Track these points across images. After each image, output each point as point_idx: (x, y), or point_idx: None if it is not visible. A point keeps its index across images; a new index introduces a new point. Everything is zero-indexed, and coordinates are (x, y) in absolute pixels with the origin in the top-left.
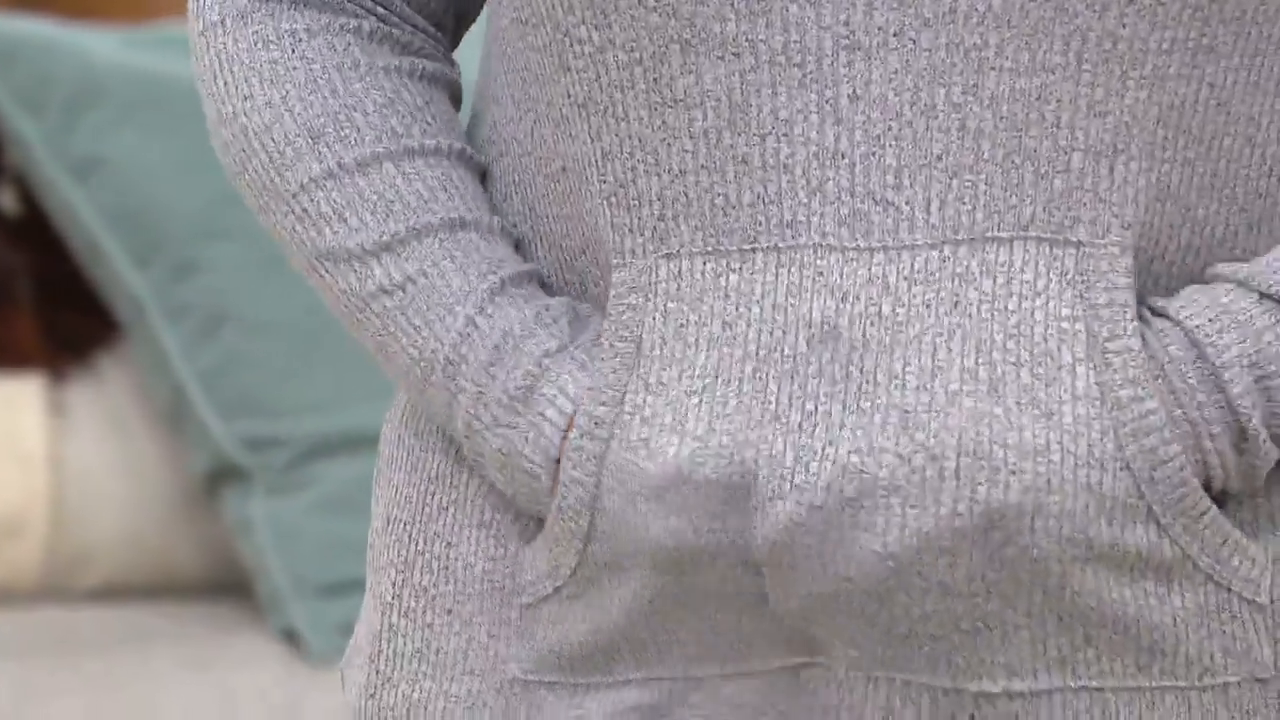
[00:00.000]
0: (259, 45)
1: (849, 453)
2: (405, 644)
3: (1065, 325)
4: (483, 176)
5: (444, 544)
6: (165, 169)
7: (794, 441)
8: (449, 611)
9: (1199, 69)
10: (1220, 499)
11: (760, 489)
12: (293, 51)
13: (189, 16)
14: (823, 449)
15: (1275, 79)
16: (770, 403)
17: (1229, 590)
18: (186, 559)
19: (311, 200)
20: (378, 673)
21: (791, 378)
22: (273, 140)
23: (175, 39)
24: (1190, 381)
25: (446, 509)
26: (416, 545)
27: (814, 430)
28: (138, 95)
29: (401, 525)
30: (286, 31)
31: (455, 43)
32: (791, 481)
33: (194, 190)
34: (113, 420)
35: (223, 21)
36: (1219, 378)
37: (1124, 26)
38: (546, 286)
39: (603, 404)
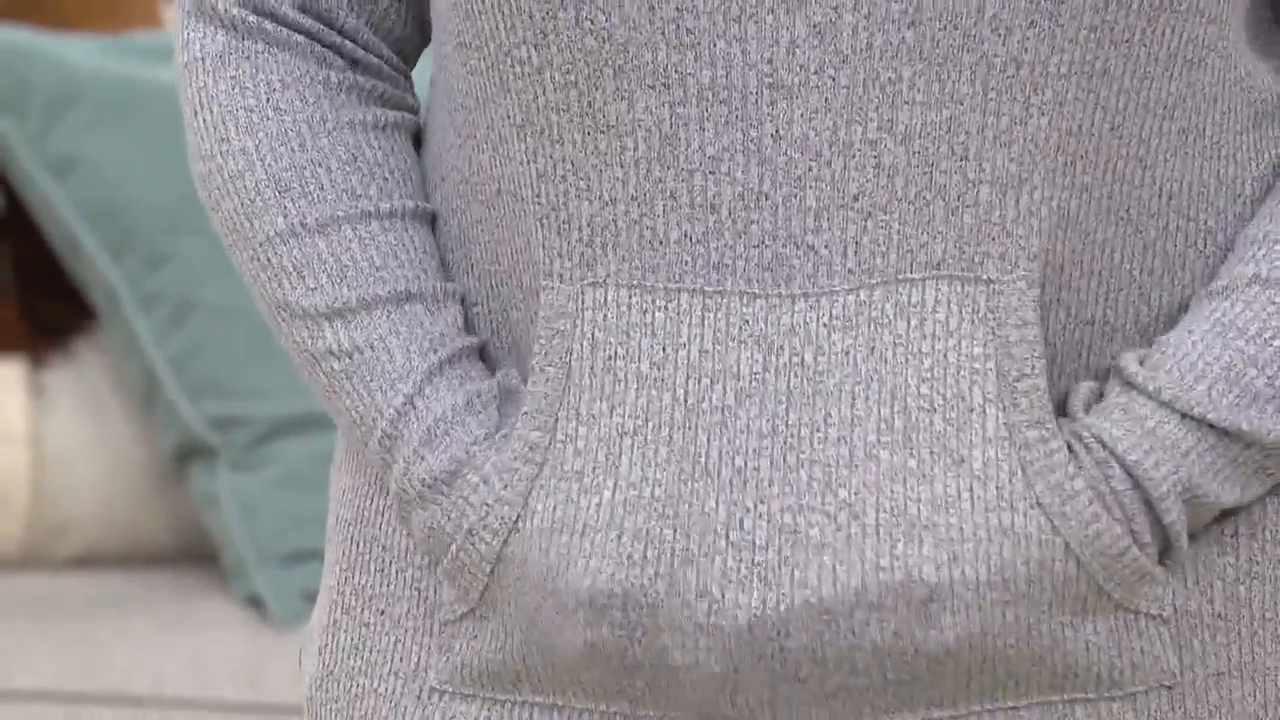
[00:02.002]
0: (236, 90)
1: (780, 510)
2: (346, 639)
3: (977, 365)
4: (434, 224)
5: (380, 547)
6: (138, 168)
7: (726, 498)
8: (382, 612)
9: (1094, 93)
10: None
11: (694, 547)
12: (266, 101)
13: (175, 46)
14: (754, 506)
15: (1163, 102)
16: (701, 456)
17: (1137, 612)
18: (157, 530)
19: (275, 253)
20: (324, 665)
21: (720, 430)
22: (244, 187)
23: (147, 47)
24: (1130, 512)
25: (383, 513)
26: (358, 546)
27: (744, 486)
28: (113, 99)
29: (346, 525)
30: (263, 81)
31: (415, 63)
32: (727, 539)
33: (165, 187)
34: (89, 401)
35: (203, 59)
36: (1155, 507)
37: (1025, 50)
38: (485, 356)
39: (536, 430)
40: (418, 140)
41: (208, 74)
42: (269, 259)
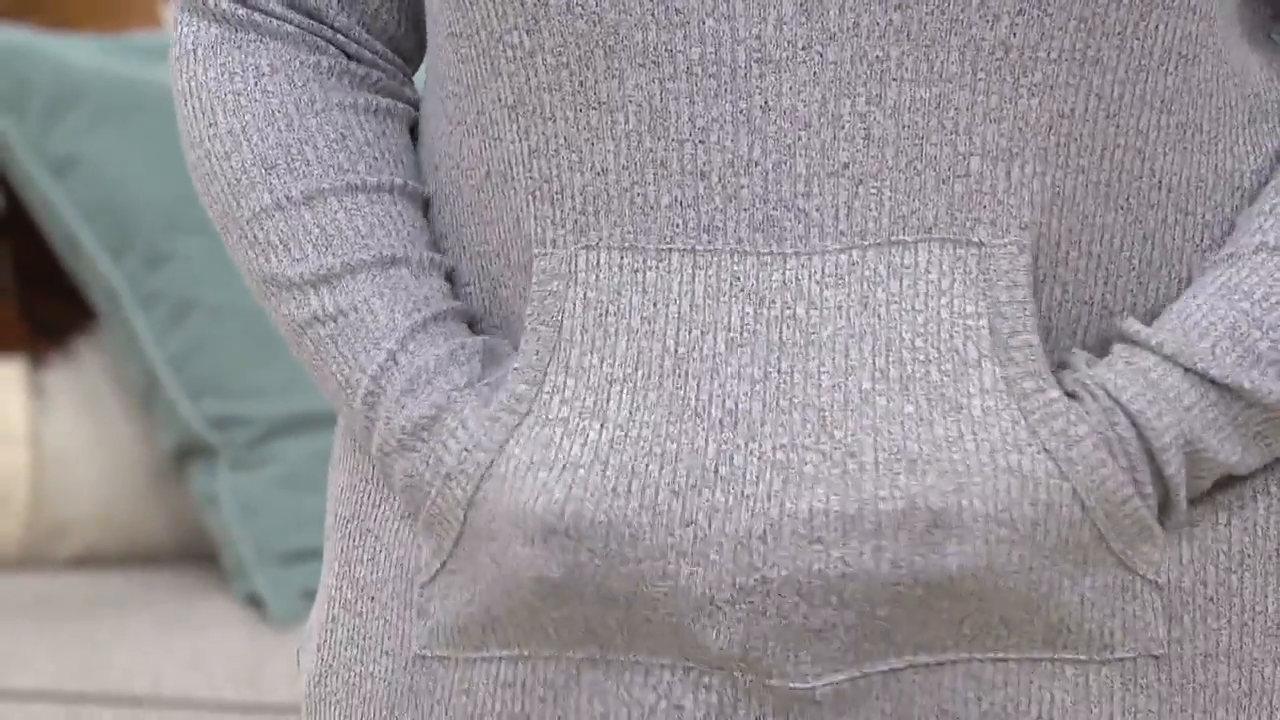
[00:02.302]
0: (225, 76)
1: (773, 448)
2: (343, 632)
3: (970, 323)
4: (426, 207)
5: (374, 538)
6: (138, 167)
7: (716, 436)
8: (373, 599)
9: (1086, 79)
10: None
11: (681, 480)
12: (255, 85)
13: (170, 42)
14: (745, 444)
15: (1160, 96)
16: (690, 399)
17: (1134, 572)
18: (157, 529)
19: (261, 228)
20: (322, 661)
21: (711, 376)
22: (231, 167)
23: (146, 47)
24: (1134, 460)
25: (379, 505)
26: (354, 541)
27: (735, 426)
28: (112, 98)
29: (344, 523)
30: (251, 66)
31: (418, 65)
32: (716, 473)
33: (165, 187)
34: (89, 401)
35: (195, 50)
36: (1156, 458)
37: (1014, 36)
38: (472, 323)
39: (524, 383)
40: (414, 133)
41: (198, 64)
42: (255, 235)
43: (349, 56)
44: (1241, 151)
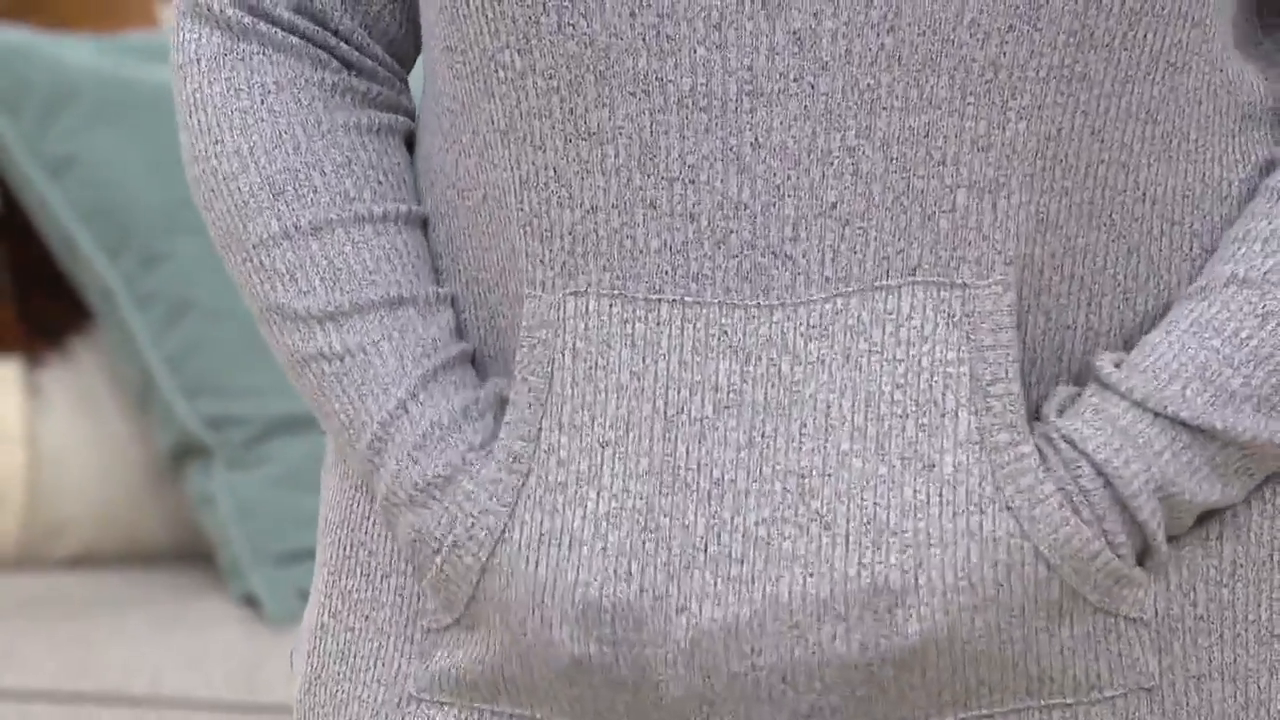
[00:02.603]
0: (230, 93)
1: (755, 523)
2: (332, 644)
3: (950, 370)
4: (425, 225)
5: (366, 551)
6: (134, 167)
7: (705, 510)
8: (366, 618)
9: (1074, 97)
10: None
11: (675, 560)
12: (261, 104)
13: (171, 47)
14: (731, 519)
15: (1145, 106)
16: (680, 467)
17: (1116, 615)
18: (153, 529)
19: (268, 255)
20: (311, 669)
21: (699, 442)
22: (238, 189)
23: (143, 47)
24: (1100, 511)
25: (369, 518)
26: (344, 549)
27: (722, 498)
28: (109, 98)
29: (334, 528)
30: (258, 83)
31: (413, 65)
32: (705, 552)
33: (161, 187)
34: (85, 401)
35: (199, 60)
36: (1127, 506)
37: (1004, 55)
38: (477, 363)
39: (520, 439)
40: (411, 143)
41: (203, 75)
42: (261, 261)
43: (349, 67)
44: (1230, 160)
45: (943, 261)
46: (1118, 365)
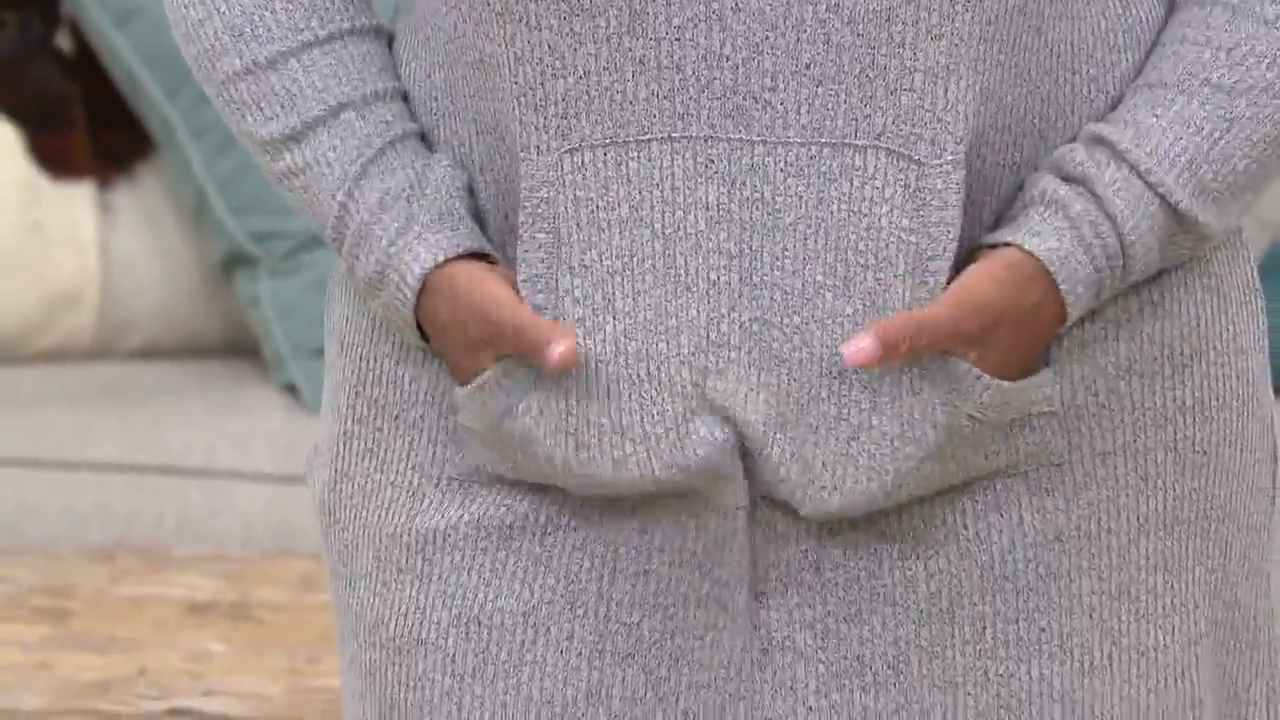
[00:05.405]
0: None
1: (750, 320)
2: (359, 445)
3: (902, 236)
4: (379, 34)
5: (393, 361)
6: None
7: (704, 306)
8: (395, 418)
9: None
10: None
11: (685, 349)
12: None
13: None
14: (728, 313)
15: None
16: (680, 275)
17: (1030, 414)
18: (208, 327)
19: (235, 90)
20: (337, 470)
21: (695, 252)
22: (205, 34)
23: None
24: (1106, 242)
25: (393, 334)
26: (368, 363)
27: (718, 296)
28: None
29: (354, 348)
30: None
31: None
32: (708, 339)
33: None
34: (149, 217)
35: None
36: (1123, 240)
37: None
38: (425, 139)
39: (540, 292)
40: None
41: None
42: (230, 96)
43: None
44: (1113, 12)
45: (904, 134)
46: (1125, 139)
